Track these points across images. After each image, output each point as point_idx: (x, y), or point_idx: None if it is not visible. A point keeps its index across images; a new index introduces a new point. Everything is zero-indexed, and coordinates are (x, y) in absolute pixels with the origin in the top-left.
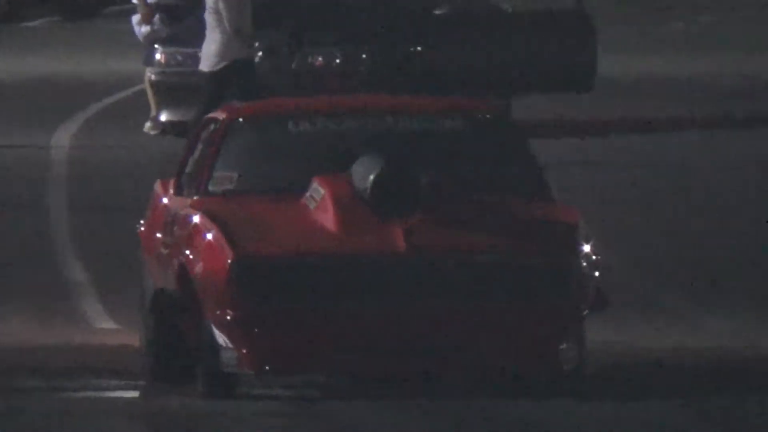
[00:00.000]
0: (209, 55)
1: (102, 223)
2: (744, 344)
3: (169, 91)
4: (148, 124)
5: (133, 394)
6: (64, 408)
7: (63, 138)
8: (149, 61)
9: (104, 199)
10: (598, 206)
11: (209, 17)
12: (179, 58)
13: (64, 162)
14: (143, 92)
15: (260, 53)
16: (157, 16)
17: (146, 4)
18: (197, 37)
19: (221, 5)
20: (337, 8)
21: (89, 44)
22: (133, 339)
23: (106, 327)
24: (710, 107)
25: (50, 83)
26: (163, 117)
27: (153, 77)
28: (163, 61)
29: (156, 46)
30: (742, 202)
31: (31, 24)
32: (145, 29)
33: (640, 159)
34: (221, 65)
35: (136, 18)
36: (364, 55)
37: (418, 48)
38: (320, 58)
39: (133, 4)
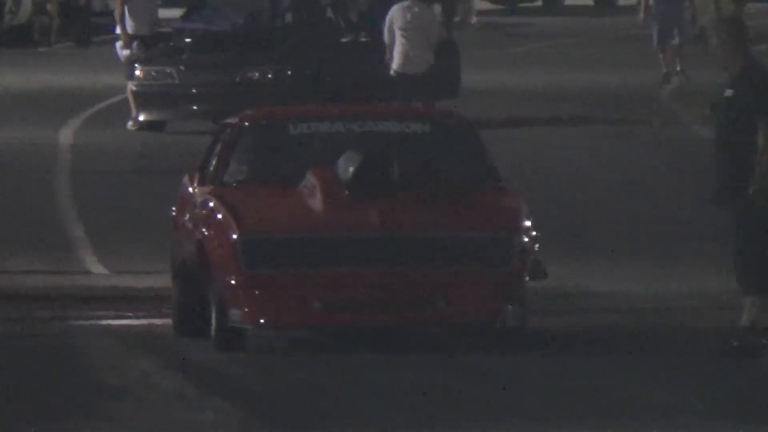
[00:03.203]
0: (412, 60)
1: (96, 193)
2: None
3: (145, 98)
4: (129, 123)
5: (119, 321)
6: (65, 332)
7: (68, 133)
8: (130, 76)
9: (98, 176)
10: None
11: (414, 32)
12: (153, 74)
13: (68, 150)
14: (126, 100)
15: (211, 68)
16: (134, 43)
17: (126, 34)
18: (168, 57)
19: (435, 26)
20: (270, 35)
21: (86, 64)
22: (121, 282)
23: (99, 272)
24: (545, 108)
25: (57, 93)
26: (141, 117)
27: (134, 88)
28: (141, 76)
29: (135, 65)
30: (577, 174)
31: (43, 50)
32: (125, 52)
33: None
34: (420, 70)
35: (119, 44)
36: (289, 72)
37: (329, 65)
38: (257, 74)
39: (117, 33)
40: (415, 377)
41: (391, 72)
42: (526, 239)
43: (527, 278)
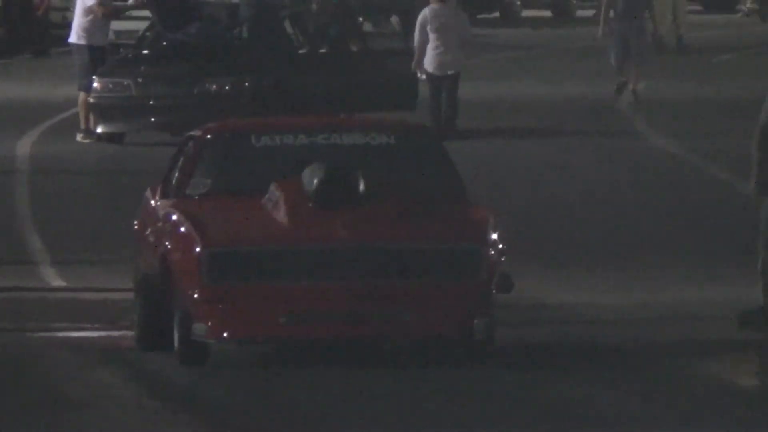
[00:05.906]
0: (447, 61)
1: (55, 205)
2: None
3: (103, 110)
4: (79, 135)
5: (78, 333)
6: (26, 344)
7: (26, 144)
8: (85, 87)
9: (57, 187)
10: None
11: (447, 33)
12: (110, 85)
13: (26, 161)
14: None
15: (169, 80)
16: None
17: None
18: (125, 69)
19: (466, 26)
20: (228, 47)
21: (45, 75)
22: (79, 294)
23: (58, 285)
24: (505, 119)
25: (15, 104)
26: (99, 129)
27: (92, 100)
28: (99, 87)
29: (93, 77)
30: (537, 185)
31: (0, 61)
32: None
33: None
34: (454, 70)
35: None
36: (247, 83)
37: (287, 78)
38: (215, 86)
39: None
40: (382, 390)
41: (422, 73)
42: (492, 252)
43: (494, 291)
